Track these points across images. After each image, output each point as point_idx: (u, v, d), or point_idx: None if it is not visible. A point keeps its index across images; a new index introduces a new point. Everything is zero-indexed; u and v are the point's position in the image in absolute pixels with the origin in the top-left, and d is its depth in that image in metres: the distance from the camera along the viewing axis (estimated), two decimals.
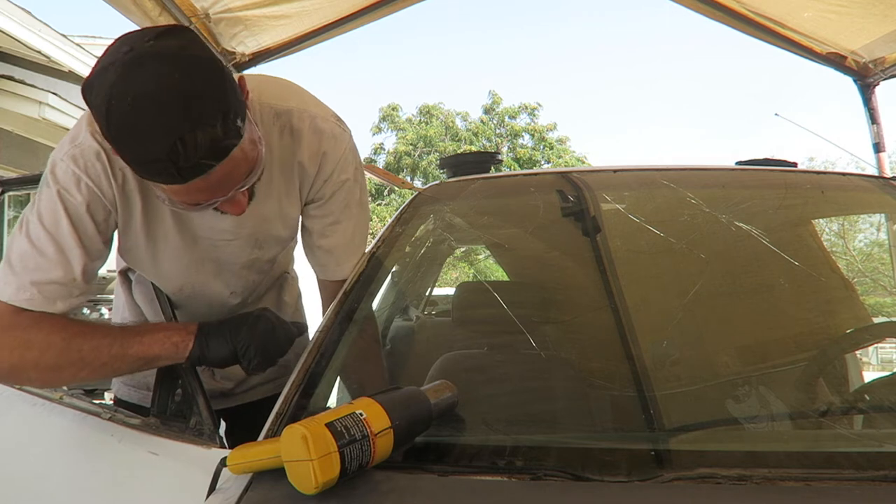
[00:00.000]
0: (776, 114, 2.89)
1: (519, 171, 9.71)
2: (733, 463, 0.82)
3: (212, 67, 0.87)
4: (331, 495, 0.73)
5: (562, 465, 0.82)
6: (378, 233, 1.39)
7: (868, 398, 1.18)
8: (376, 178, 2.41)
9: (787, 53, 2.59)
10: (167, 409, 1.08)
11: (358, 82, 41.02)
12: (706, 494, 0.76)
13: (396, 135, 21.14)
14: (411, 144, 20.38)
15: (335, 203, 1.21)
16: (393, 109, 21.36)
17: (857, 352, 1.43)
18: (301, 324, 1.16)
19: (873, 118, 2.67)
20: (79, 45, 6.45)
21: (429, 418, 0.86)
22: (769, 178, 1.61)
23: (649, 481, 0.78)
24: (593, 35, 42.26)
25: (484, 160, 1.79)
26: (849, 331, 1.42)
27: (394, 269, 1.46)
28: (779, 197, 1.55)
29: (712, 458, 0.87)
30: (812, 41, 2.54)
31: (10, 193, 1.98)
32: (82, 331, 1.01)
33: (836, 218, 2.06)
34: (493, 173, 1.77)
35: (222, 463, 0.82)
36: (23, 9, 5.64)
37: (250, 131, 0.94)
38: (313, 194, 1.20)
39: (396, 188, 16.22)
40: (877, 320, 1.39)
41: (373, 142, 21.60)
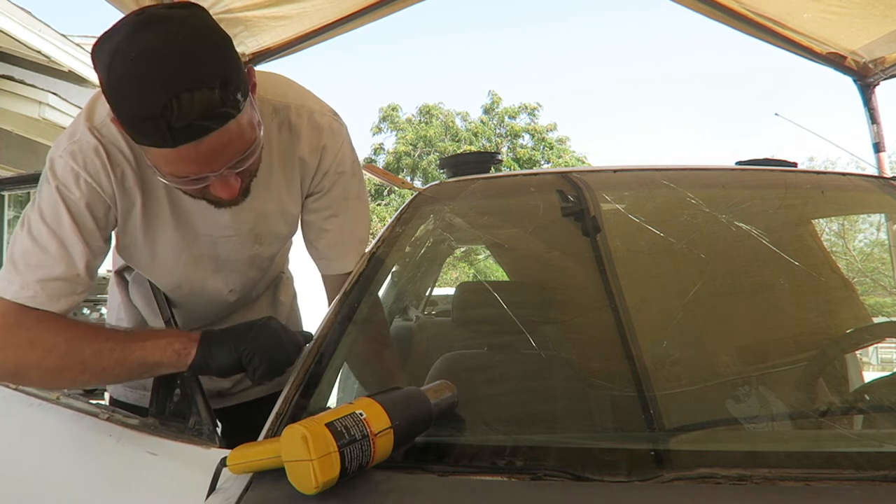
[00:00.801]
0: (776, 114, 2.89)
1: (519, 171, 9.72)
2: (733, 463, 0.82)
3: (219, 38, 0.89)
4: (331, 495, 0.73)
5: (562, 465, 0.82)
6: (378, 233, 1.39)
7: (868, 398, 1.18)
8: (376, 178, 2.41)
9: (787, 53, 2.59)
10: (166, 409, 1.07)
11: (358, 82, 41.05)
12: (706, 494, 0.76)
13: (396, 135, 21.14)
14: (411, 144, 20.38)
15: (333, 196, 1.21)
16: (393, 109, 21.36)
17: (857, 352, 1.43)
18: (307, 332, 1.15)
19: (873, 118, 2.67)
20: (79, 45, 6.44)
21: (429, 418, 0.86)
22: (769, 178, 1.61)
23: (649, 481, 0.78)
24: (593, 35, 42.28)
25: (484, 160, 1.79)
26: (849, 331, 1.42)
27: (394, 269, 1.46)
28: (779, 197, 1.55)
29: (712, 458, 0.87)
30: (812, 41, 2.54)
31: (8, 193, 1.98)
32: (84, 333, 1.00)
33: (836, 218, 2.05)
34: (493, 173, 1.77)
35: (222, 463, 0.82)
36: (23, 9, 5.64)
37: (250, 113, 0.93)
38: (312, 187, 1.20)
39: (396, 188, 16.22)
40: (877, 320, 1.39)
41: (373, 142, 21.65)
